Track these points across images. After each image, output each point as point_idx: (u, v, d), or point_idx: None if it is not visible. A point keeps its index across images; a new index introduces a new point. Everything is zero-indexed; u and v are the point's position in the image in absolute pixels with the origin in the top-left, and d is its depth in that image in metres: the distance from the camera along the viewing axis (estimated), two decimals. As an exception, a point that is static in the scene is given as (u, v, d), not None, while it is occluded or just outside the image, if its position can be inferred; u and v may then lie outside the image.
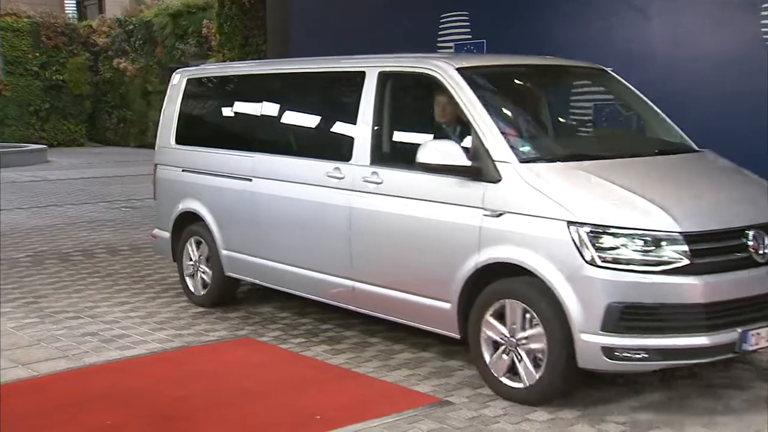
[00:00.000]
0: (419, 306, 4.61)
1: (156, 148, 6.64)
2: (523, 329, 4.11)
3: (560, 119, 5.21)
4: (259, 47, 12.60)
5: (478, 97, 4.43)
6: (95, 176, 16.28)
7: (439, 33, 8.19)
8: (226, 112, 6.30)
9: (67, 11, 28.07)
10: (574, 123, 5.10)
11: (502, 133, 4.30)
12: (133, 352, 5.18)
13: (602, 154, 4.50)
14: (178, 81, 6.52)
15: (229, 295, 6.19)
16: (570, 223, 3.91)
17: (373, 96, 4.89)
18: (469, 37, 7.97)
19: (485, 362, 4.29)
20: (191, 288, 6.28)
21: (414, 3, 8.70)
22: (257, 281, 5.85)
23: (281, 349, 5.23)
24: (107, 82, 24.46)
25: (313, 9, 9.99)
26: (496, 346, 4.26)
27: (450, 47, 8.09)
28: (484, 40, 7.70)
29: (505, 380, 4.21)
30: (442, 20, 8.20)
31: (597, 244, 3.85)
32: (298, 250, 5.35)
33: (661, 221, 3.87)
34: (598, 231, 3.86)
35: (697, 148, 4.86)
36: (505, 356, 4.21)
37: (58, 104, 23.56)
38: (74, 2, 29.19)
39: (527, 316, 4.09)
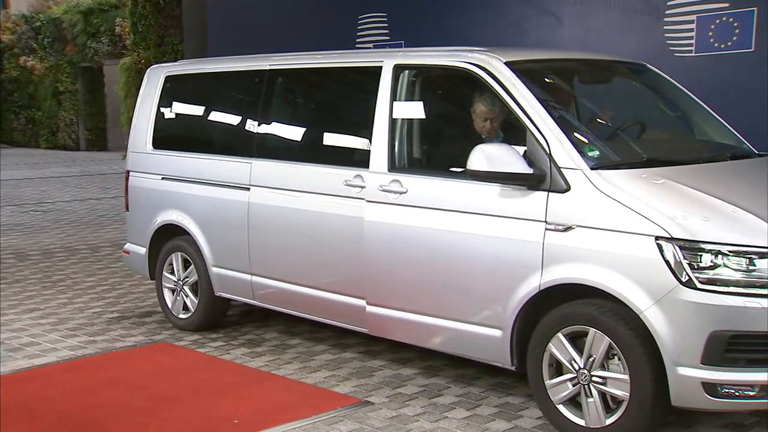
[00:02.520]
0: (459, 333, 4.09)
1: (128, 153, 5.97)
2: (604, 368, 3.60)
3: (622, 120, 4.57)
4: (176, 47, 12.37)
5: (535, 96, 3.91)
6: (3, 179, 15.63)
7: (358, 33, 8.22)
8: (216, 113, 5.62)
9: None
10: (637, 124, 4.52)
11: (568, 136, 3.78)
12: (42, 361, 5.00)
13: (677, 159, 3.99)
14: (155, 79, 5.84)
15: (217, 317, 5.56)
16: (659, 238, 3.40)
17: (389, 94, 4.36)
18: (388, 38, 8.03)
19: (542, 382, 3.80)
20: (173, 310, 5.64)
21: (332, 3, 8.70)
22: (254, 302, 5.20)
23: (199, 353, 5.14)
24: (14, 81, 23.58)
25: (231, 8, 9.86)
26: (559, 370, 3.76)
27: (369, 48, 8.12)
28: (402, 41, 7.77)
29: (563, 409, 3.75)
30: (360, 21, 8.23)
31: (693, 263, 3.35)
32: (303, 268, 4.75)
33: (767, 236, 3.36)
34: (694, 248, 3.35)
35: (757, 152, 4.46)
36: (570, 384, 3.72)
37: (-40, 103, 22.60)
38: (-23, -3, 27.97)
39: (611, 352, 3.58)
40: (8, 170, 17.27)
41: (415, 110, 4.43)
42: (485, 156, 3.76)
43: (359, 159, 4.53)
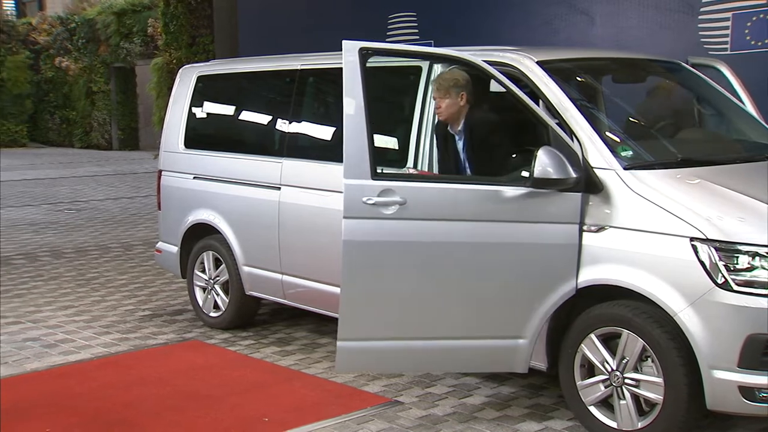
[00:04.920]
0: (469, 352, 3.88)
1: (160, 152, 6.03)
2: (637, 370, 3.56)
3: (657, 119, 4.50)
4: (207, 47, 12.47)
5: (568, 95, 3.85)
6: (38, 177, 15.89)
7: (388, 33, 8.22)
8: (248, 112, 5.67)
9: (5, 8, 27.37)
10: (671, 123, 4.45)
11: (600, 135, 3.72)
12: (76, 357, 5.07)
13: (713, 159, 3.96)
14: (187, 78, 5.87)
15: (248, 316, 5.59)
16: (694, 239, 3.35)
17: (423, 93, 4.26)
18: (417, 37, 8.02)
19: (574, 383, 3.76)
20: (204, 308, 5.67)
21: (363, 3, 8.72)
22: (285, 301, 5.21)
23: (230, 351, 5.18)
24: (49, 81, 23.94)
25: (262, 8, 9.92)
26: (591, 371, 3.72)
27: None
28: (432, 41, 7.75)
29: (595, 411, 3.71)
30: (390, 20, 8.24)
31: (729, 265, 3.30)
32: (333, 268, 4.38)
33: None
34: (730, 249, 3.29)
35: None
36: (602, 386, 3.68)
37: (-3, 103, 23.02)
38: (13, -1, 28.49)
39: (645, 354, 3.52)
40: (44, 169, 17.56)
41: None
42: (545, 164, 3.57)
43: (391, 159, 4.50)
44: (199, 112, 5.86)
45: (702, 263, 3.33)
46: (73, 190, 13.90)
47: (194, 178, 5.70)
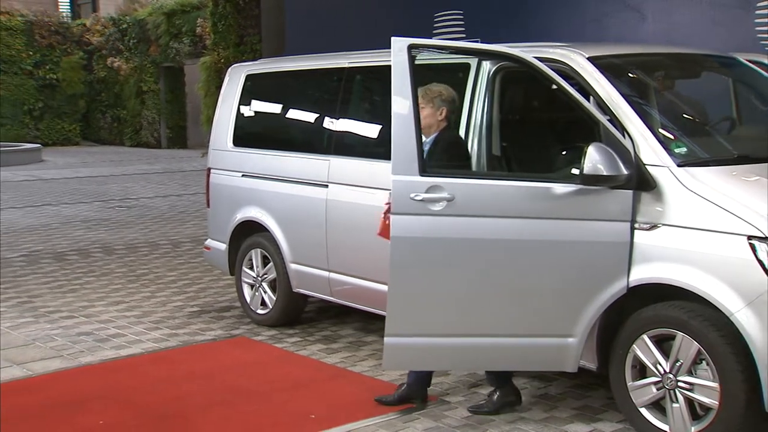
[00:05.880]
0: (518, 350, 3.84)
1: (209, 150, 6.10)
2: (691, 373, 3.48)
3: (710, 115, 4.45)
4: (254, 46, 12.58)
5: (619, 91, 3.81)
6: (90, 175, 16.25)
7: (434, 31, 8.20)
8: (296, 110, 5.72)
9: (60, 10, 28.09)
10: (726, 120, 4.43)
11: (653, 132, 3.67)
12: (128, 352, 5.18)
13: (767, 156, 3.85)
14: (236, 77, 5.93)
15: (295, 313, 5.62)
16: (752, 237, 3.29)
17: (485, 92, 4.22)
18: (464, 35, 7.98)
19: (625, 384, 3.70)
20: (251, 305, 5.71)
21: (408, 1, 8.71)
22: (331, 299, 5.23)
23: (276, 348, 5.23)
24: (101, 81, 24.46)
25: (309, 7, 9.98)
26: (643, 372, 3.66)
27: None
28: (479, 39, 7.71)
29: (646, 413, 3.64)
30: (436, 18, 8.21)
31: None
32: (381, 265, 4.27)
33: None
34: None
35: None
36: (654, 388, 3.61)
37: (52, 103, 23.65)
38: (68, 1, 29.17)
39: (699, 356, 3.46)
40: (96, 167, 17.96)
41: (505, 108, 4.30)
42: (595, 161, 3.52)
43: None
44: (248, 111, 5.91)
45: (760, 262, 3.26)
46: (123, 188, 14.18)
47: (243, 176, 5.75)
